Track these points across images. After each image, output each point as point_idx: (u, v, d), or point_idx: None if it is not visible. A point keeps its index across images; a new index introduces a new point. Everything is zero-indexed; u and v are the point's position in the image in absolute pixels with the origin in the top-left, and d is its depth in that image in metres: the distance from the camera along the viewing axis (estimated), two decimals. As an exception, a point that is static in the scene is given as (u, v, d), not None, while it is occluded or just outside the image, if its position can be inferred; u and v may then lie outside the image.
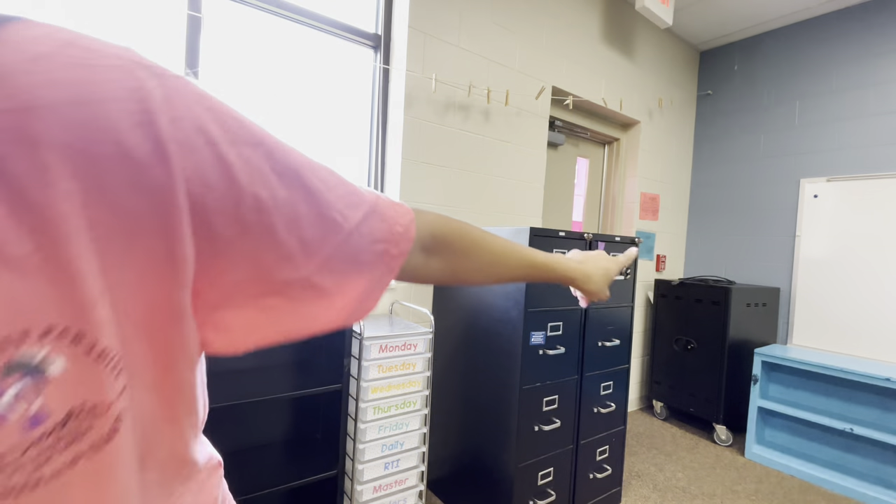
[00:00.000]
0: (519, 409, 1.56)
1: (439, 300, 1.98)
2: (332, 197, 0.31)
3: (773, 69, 3.09)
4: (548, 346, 1.63)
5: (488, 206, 2.23)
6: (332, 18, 1.83)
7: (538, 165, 2.43)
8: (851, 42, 2.75)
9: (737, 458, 2.53)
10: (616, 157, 3.15)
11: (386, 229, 0.36)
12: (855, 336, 2.66)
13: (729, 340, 2.64)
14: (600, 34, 2.71)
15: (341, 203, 0.32)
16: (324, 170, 0.32)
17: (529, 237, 1.53)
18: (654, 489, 2.15)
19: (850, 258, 2.70)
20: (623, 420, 1.95)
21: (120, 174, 0.21)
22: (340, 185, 0.33)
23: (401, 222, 0.37)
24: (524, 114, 2.35)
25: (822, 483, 2.28)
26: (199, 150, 0.24)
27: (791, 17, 2.94)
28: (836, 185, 2.78)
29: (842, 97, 2.78)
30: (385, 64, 1.98)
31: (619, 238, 1.85)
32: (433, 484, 1.96)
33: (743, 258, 3.20)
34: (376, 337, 1.50)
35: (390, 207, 0.37)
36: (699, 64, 3.50)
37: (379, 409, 1.52)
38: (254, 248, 0.27)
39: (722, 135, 3.36)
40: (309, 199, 0.30)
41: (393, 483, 1.57)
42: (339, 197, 0.32)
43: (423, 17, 1.94)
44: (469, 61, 2.11)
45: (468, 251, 0.44)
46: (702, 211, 3.46)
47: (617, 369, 1.90)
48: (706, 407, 2.73)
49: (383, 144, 2.01)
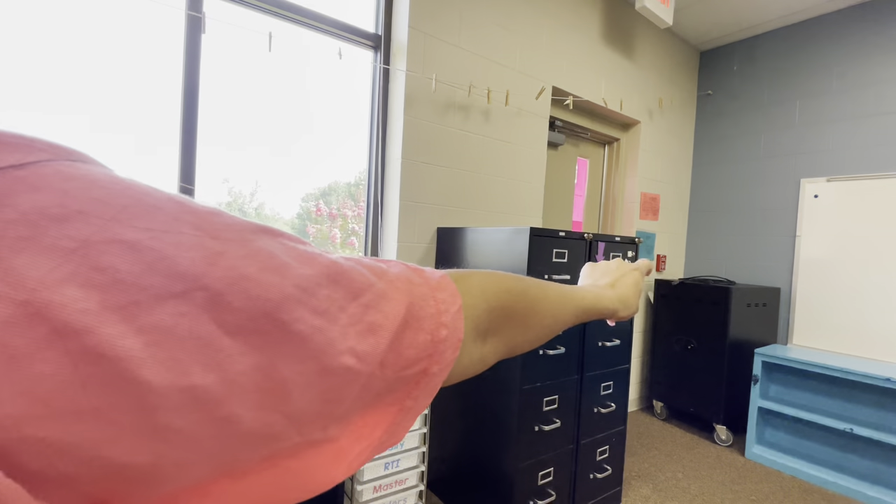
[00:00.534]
0: (519, 409, 1.56)
1: (439, 300, 1.98)
2: (336, 330, 0.20)
3: (773, 69, 3.09)
4: (547, 345, 1.63)
5: (488, 206, 2.23)
6: (332, 18, 1.83)
7: (538, 165, 2.44)
8: (851, 42, 2.75)
9: (737, 458, 2.53)
10: (616, 157, 3.15)
11: (425, 342, 0.24)
12: (855, 336, 2.67)
13: (729, 340, 2.64)
14: (600, 34, 2.71)
15: (353, 332, 0.20)
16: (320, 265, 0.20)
17: (529, 237, 1.53)
18: (654, 489, 2.15)
19: (850, 258, 2.70)
20: (623, 420, 1.95)
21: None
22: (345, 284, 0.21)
23: (444, 320, 0.25)
24: (524, 114, 2.35)
25: (822, 483, 2.28)
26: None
27: (791, 17, 2.94)
28: (836, 185, 2.78)
29: (842, 97, 2.78)
30: (385, 64, 1.98)
31: (619, 238, 1.85)
32: (433, 484, 1.97)
33: (743, 258, 3.20)
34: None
35: (429, 297, 0.25)
36: (699, 64, 3.50)
37: (379, 409, 1.52)
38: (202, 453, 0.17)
39: (722, 135, 3.36)
40: (295, 354, 0.18)
41: (393, 483, 1.58)
42: (350, 321, 0.20)
43: (423, 17, 1.94)
44: (469, 61, 2.11)
45: (528, 317, 0.35)
46: (702, 211, 3.46)
47: (617, 369, 1.90)
48: (706, 407, 2.73)
49: (383, 144, 2.01)
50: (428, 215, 2.02)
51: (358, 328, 0.21)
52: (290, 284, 0.19)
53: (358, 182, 2.07)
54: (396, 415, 0.24)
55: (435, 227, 2.04)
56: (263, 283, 0.18)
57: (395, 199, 1.94)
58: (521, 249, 1.56)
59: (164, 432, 0.16)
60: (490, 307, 0.31)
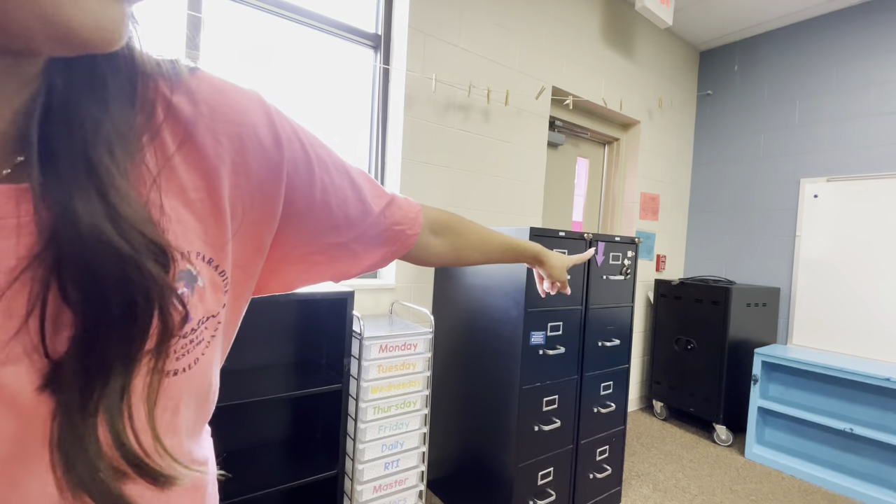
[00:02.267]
0: (519, 409, 1.56)
1: (439, 300, 1.98)
2: (366, 189, 0.43)
3: (773, 69, 3.09)
4: (548, 345, 1.63)
5: (488, 206, 2.23)
6: (332, 18, 1.83)
7: (538, 165, 2.44)
8: (851, 42, 2.75)
9: (737, 458, 2.53)
10: (616, 157, 3.15)
11: (402, 215, 0.48)
12: (855, 336, 2.66)
13: (729, 340, 2.64)
14: (600, 34, 2.71)
15: (371, 194, 0.44)
16: (358, 170, 0.43)
17: (529, 237, 1.53)
18: (654, 489, 2.15)
19: (850, 258, 2.70)
20: (623, 420, 1.95)
21: (255, 153, 0.32)
22: (369, 181, 0.44)
23: (412, 212, 0.50)
24: (524, 114, 2.35)
25: (822, 483, 2.28)
26: (295, 146, 0.35)
27: (791, 17, 2.94)
28: (836, 185, 2.78)
29: (842, 97, 2.78)
30: (385, 64, 1.98)
31: (619, 238, 1.85)
32: (433, 484, 1.97)
33: (743, 258, 3.20)
34: (376, 337, 1.50)
35: (405, 202, 0.49)
36: (699, 64, 3.50)
37: (379, 409, 1.52)
38: (314, 218, 0.38)
39: (722, 135, 3.36)
40: (353, 187, 0.41)
41: (393, 483, 1.57)
42: (370, 190, 0.44)
43: (423, 17, 1.94)
44: (469, 61, 2.11)
45: (463, 232, 0.58)
46: (702, 211, 3.46)
47: (617, 369, 1.90)
48: (706, 407, 2.73)
49: (383, 144, 2.01)
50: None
51: (374, 193, 0.44)
52: (348, 162, 0.43)
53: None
54: (387, 253, 0.48)
55: (435, 227, 2.04)
56: (341, 156, 0.42)
57: (395, 199, 1.94)
58: (520, 249, 1.56)
59: (312, 198, 0.38)
60: (437, 220, 0.54)
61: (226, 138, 0.30)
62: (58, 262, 0.21)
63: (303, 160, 0.36)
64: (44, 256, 0.21)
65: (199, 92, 0.30)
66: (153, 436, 0.25)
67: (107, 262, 0.22)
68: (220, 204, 0.30)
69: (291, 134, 0.35)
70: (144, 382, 0.25)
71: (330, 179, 0.39)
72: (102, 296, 0.22)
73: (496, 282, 1.66)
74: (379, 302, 1.91)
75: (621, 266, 1.87)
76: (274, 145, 0.33)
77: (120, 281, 0.22)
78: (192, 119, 0.29)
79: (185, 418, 0.30)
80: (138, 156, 0.25)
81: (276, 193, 0.34)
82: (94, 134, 0.23)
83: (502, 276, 1.63)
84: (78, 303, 0.22)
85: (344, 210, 0.40)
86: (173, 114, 0.28)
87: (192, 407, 0.31)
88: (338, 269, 0.43)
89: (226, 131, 0.30)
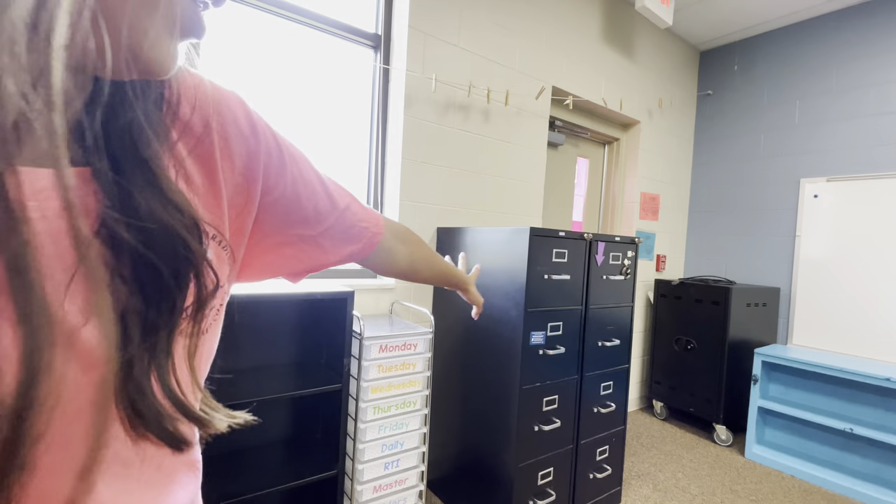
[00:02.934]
0: (519, 409, 1.56)
1: (439, 300, 1.98)
2: (332, 187, 0.47)
3: (773, 69, 3.09)
4: (548, 346, 1.63)
5: (488, 206, 2.23)
6: (332, 18, 1.83)
7: (538, 165, 2.43)
8: (851, 42, 2.75)
9: (737, 458, 2.53)
10: (616, 157, 3.15)
11: (365, 214, 0.51)
12: (855, 336, 2.67)
13: (729, 340, 2.64)
14: (600, 34, 2.71)
15: (337, 193, 0.47)
16: (323, 171, 0.47)
17: (529, 237, 1.53)
18: (654, 489, 2.15)
19: (850, 258, 2.70)
20: (623, 420, 1.95)
21: (236, 138, 0.36)
22: (333, 181, 0.48)
23: (374, 213, 0.53)
24: (524, 114, 2.35)
25: (822, 483, 2.28)
26: (269, 137, 0.39)
27: (791, 17, 2.94)
28: (836, 185, 2.78)
29: (842, 97, 2.78)
30: (385, 64, 1.98)
31: (618, 238, 1.85)
32: (433, 484, 1.97)
33: (743, 258, 3.20)
34: (376, 337, 1.50)
35: (366, 206, 0.53)
36: (699, 64, 3.50)
37: (379, 409, 1.52)
38: (285, 209, 0.41)
39: (722, 135, 3.36)
40: (321, 183, 0.45)
41: (393, 483, 1.57)
42: (335, 189, 0.47)
43: (423, 17, 1.94)
44: (469, 61, 2.11)
45: (420, 246, 0.64)
46: (702, 211, 3.46)
47: (617, 369, 1.90)
48: (706, 407, 2.73)
49: (383, 144, 2.01)
50: (428, 215, 2.02)
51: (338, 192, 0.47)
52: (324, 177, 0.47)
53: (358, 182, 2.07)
54: (353, 249, 0.50)
55: (435, 228, 2.04)
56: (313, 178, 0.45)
57: (395, 199, 1.94)
58: (521, 249, 1.56)
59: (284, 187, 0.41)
60: (398, 228, 0.59)
61: (215, 125, 0.34)
62: (117, 240, 0.25)
63: (276, 152, 0.39)
64: (103, 234, 0.25)
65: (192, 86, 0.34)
66: (192, 388, 0.31)
67: (160, 239, 0.26)
68: (217, 186, 0.34)
69: (265, 127, 0.39)
70: (184, 344, 0.30)
71: (300, 173, 0.42)
72: (155, 268, 0.26)
73: (496, 282, 1.66)
74: (379, 302, 1.91)
75: (621, 266, 1.87)
76: (251, 133, 0.37)
77: (170, 255, 0.27)
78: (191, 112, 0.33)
79: (202, 374, 0.35)
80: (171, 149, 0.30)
81: (255, 179, 0.37)
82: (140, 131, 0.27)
83: (502, 276, 1.63)
84: (133, 275, 0.26)
85: (313, 202, 0.43)
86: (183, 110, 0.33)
87: (203, 366, 0.35)
88: (305, 263, 0.46)
89: (216, 119, 0.35)
